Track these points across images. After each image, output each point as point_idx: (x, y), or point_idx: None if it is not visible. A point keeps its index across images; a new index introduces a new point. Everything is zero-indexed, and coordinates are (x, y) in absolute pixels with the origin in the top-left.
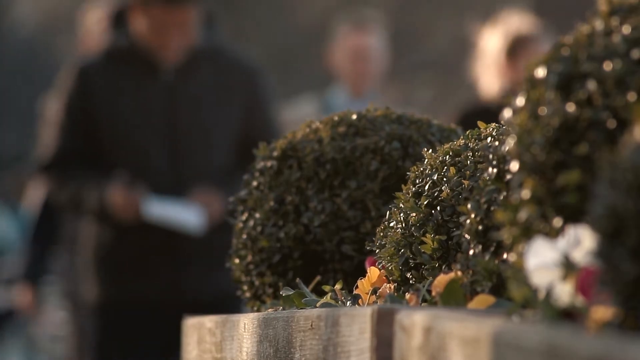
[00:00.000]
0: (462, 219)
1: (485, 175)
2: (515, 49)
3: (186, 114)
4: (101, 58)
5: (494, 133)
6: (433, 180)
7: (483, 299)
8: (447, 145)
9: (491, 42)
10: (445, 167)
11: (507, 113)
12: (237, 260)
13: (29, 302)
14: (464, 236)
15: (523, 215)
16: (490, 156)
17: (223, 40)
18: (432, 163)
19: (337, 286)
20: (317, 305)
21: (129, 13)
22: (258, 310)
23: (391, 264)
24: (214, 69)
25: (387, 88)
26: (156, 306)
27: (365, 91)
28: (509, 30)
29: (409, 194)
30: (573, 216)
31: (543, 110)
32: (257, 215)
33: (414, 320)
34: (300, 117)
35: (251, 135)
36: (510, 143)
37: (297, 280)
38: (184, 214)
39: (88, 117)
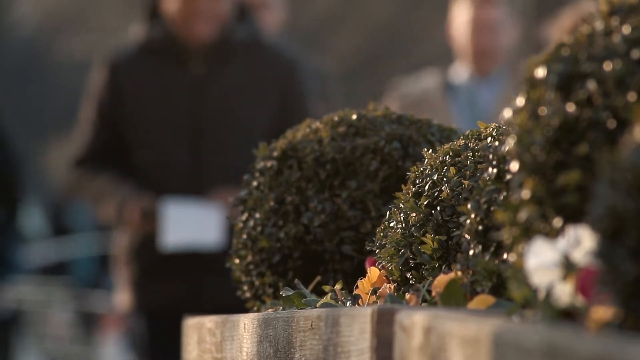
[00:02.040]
0: (462, 219)
1: (485, 175)
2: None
3: (213, 110)
4: (133, 50)
5: (494, 133)
6: (433, 180)
7: (483, 299)
8: (447, 145)
9: (562, 22)
10: (445, 167)
11: (507, 113)
12: (237, 260)
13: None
14: (464, 236)
15: (523, 215)
16: (490, 156)
17: (259, 31)
18: (432, 163)
19: (337, 286)
20: (317, 305)
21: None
22: (258, 310)
23: (391, 264)
24: (249, 61)
25: (517, 65)
26: (177, 313)
27: (492, 70)
28: (577, 15)
29: (409, 194)
30: (573, 216)
31: (543, 110)
32: (257, 215)
33: (414, 320)
34: (420, 92)
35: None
36: (510, 143)
37: (296, 280)
38: (203, 233)
39: (116, 112)
